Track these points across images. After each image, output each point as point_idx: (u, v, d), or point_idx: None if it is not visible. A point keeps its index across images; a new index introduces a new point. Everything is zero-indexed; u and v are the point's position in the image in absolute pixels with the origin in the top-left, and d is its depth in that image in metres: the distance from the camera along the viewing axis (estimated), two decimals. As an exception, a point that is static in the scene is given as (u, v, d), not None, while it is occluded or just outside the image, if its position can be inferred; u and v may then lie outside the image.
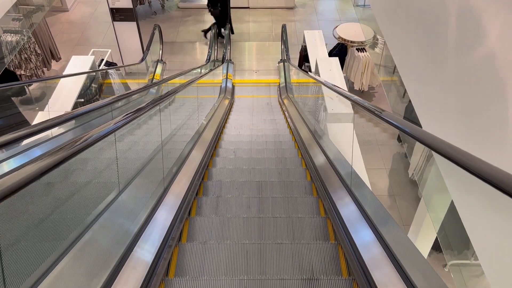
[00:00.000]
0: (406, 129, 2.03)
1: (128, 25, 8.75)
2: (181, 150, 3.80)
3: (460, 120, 2.28)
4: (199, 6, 11.89)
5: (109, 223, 2.16)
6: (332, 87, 4.06)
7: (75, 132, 5.04)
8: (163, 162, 3.09)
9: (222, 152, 4.68)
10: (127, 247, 2.26)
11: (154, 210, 2.73)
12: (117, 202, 2.25)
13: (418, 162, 6.70)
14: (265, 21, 11.47)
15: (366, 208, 2.71)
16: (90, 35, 10.80)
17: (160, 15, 11.64)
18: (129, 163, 2.93)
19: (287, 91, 8.40)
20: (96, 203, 2.16)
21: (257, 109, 7.26)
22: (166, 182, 3.12)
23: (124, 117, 2.26)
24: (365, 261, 2.32)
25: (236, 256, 2.60)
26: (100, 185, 2.66)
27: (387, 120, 2.30)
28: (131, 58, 9.18)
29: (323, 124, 5.75)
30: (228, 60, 9.82)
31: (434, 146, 1.59)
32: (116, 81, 7.10)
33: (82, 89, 6.13)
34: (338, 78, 5.91)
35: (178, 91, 3.81)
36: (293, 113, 6.35)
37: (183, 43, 10.67)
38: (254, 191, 3.58)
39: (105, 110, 6.75)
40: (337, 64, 6.22)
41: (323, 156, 3.89)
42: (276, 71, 9.78)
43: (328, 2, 12.13)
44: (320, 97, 6.28)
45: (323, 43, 7.53)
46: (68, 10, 11.62)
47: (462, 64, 2.30)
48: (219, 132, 5.15)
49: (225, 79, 8.92)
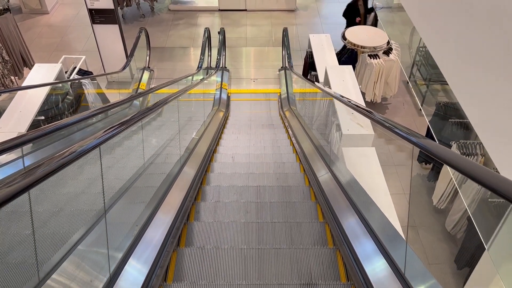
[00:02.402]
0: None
1: (109, 29, 7.74)
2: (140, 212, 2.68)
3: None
4: (192, 8, 10.91)
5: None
6: (354, 106, 3.05)
7: (35, 156, 4.04)
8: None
9: (206, 203, 3.43)
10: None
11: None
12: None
13: (446, 190, 5.69)
14: (264, 25, 10.49)
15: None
16: (71, 40, 9.79)
17: (149, 18, 10.65)
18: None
19: (289, 103, 7.39)
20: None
21: (256, 125, 6.24)
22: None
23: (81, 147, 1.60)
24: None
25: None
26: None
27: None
28: (114, 66, 8.17)
29: (336, 147, 4.74)
30: (223, 67, 8.81)
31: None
32: (91, 91, 6.08)
33: (46, 104, 5.10)
34: (353, 91, 4.90)
35: (148, 113, 2.79)
36: (298, 132, 5.33)
37: (173, 48, 9.67)
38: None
39: (75, 128, 5.62)
40: (351, 73, 5.22)
41: (344, 199, 2.86)
42: (276, 79, 8.78)
43: (332, 4, 11.17)
44: (330, 112, 5.28)
45: (332, 49, 6.53)
46: (49, 12, 10.63)
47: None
48: (206, 163, 4.11)
49: (219, 89, 7.91)
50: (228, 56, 9.40)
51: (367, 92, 7.30)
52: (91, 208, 2.37)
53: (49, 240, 1.79)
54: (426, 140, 1.79)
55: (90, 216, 2.07)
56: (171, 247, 2.54)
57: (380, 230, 2.50)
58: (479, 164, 1.35)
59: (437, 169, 6.15)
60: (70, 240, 1.83)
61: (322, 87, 4.73)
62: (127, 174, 2.90)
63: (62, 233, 2.11)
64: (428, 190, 6.50)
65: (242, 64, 9.39)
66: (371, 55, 7.06)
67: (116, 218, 2.28)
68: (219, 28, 8.98)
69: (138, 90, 8.11)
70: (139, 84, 8.11)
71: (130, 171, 2.92)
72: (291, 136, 5.46)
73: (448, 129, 5.60)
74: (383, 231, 2.49)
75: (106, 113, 6.14)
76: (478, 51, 2.62)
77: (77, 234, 1.87)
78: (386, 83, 7.36)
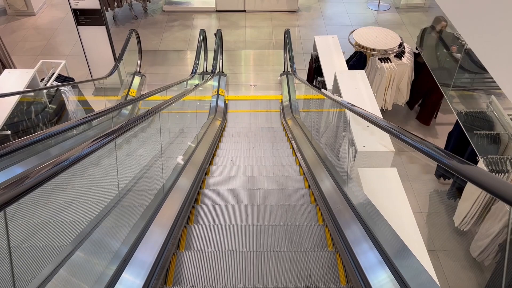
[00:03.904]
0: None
1: (96, 31, 7.11)
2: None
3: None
4: (187, 9, 10.29)
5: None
6: (381, 125, 2.41)
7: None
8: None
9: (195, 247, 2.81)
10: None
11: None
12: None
13: (471, 210, 5.03)
14: (264, 27, 9.86)
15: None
16: (57, 43, 9.16)
17: (142, 20, 10.03)
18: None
19: (292, 111, 6.75)
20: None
21: (255, 138, 5.57)
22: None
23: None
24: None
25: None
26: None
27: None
28: (102, 71, 7.52)
29: (349, 165, 4.09)
30: (220, 72, 8.18)
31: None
32: (72, 99, 5.44)
33: (16, 116, 4.47)
34: (367, 100, 4.26)
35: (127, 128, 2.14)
36: (304, 146, 4.68)
37: (167, 52, 9.03)
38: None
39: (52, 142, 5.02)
40: (364, 79, 4.58)
41: (373, 251, 2.20)
42: (278, 85, 8.14)
43: (336, 4, 10.55)
44: (341, 123, 4.63)
45: (340, 52, 5.89)
46: (35, 14, 10.00)
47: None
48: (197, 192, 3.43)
49: (215, 96, 7.27)
50: (226, 60, 8.77)
51: (377, 99, 6.65)
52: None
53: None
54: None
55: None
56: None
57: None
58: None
59: (458, 186, 5.50)
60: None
61: (332, 95, 4.08)
62: (93, 212, 2.28)
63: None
64: (447, 209, 5.86)
65: (240, 69, 8.75)
66: (382, 59, 6.43)
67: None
68: (216, 30, 8.35)
69: (128, 96, 7.47)
70: (129, 91, 7.47)
71: (97, 208, 2.28)
72: (296, 151, 4.80)
73: (474, 142, 4.96)
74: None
75: (90, 124, 5.53)
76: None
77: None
78: (398, 89, 6.73)
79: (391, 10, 10.29)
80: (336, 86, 4.69)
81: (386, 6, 10.38)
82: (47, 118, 5.62)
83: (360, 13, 10.20)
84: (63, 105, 5.85)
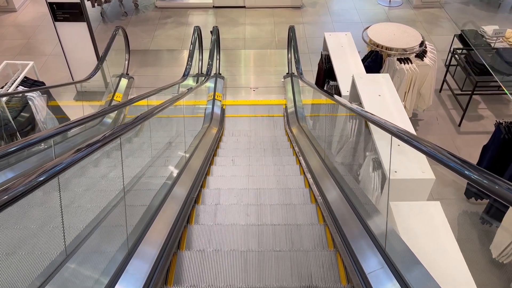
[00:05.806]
0: None
1: (76, 27, 6.29)
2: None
3: None
4: (182, 5, 9.47)
5: None
6: (425, 150, 1.59)
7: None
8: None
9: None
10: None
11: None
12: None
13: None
14: (265, 24, 9.03)
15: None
16: (39, 42, 8.34)
17: (132, 17, 9.20)
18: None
19: (298, 119, 5.92)
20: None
21: (256, 154, 4.72)
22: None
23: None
24: None
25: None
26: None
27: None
28: (84, 72, 6.69)
29: (374, 195, 3.26)
30: (216, 74, 7.35)
31: None
32: (41, 106, 4.63)
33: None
34: (395, 112, 3.43)
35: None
36: (315, 165, 3.84)
37: (159, 51, 8.21)
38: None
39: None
40: (389, 84, 3.76)
41: None
42: (281, 88, 7.32)
43: (343, 0, 9.73)
44: (362, 141, 3.79)
45: (355, 51, 5.07)
46: (16, 10, 9.18)
47: None
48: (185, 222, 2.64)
49: (211, 101, 6.44)
50: (224, 60, 7.95)
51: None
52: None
53: None
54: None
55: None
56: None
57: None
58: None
59: (496, 209, 4.68)
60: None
61: (349, 104, 3.23)
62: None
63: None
64: (480, 234, 5.04)
65: (240, 70, 7.92)
66: (401, 59, 5.60)
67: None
68: (212, 28, 7.52)
69: (113, 101, 6.65)
70: (114, 95, 6.65)
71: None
72: (305, 171, 3.96)
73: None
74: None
75: (65, 135, 4.72)
76: None
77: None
78: (419, 93, 5.91)
79: (403, 5, 9.46)
80: (354, 92, 3.86)
81: (398, 2, 9.54)
82: (29, 123, 4.83)
83: (370, 9, 9.37)
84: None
